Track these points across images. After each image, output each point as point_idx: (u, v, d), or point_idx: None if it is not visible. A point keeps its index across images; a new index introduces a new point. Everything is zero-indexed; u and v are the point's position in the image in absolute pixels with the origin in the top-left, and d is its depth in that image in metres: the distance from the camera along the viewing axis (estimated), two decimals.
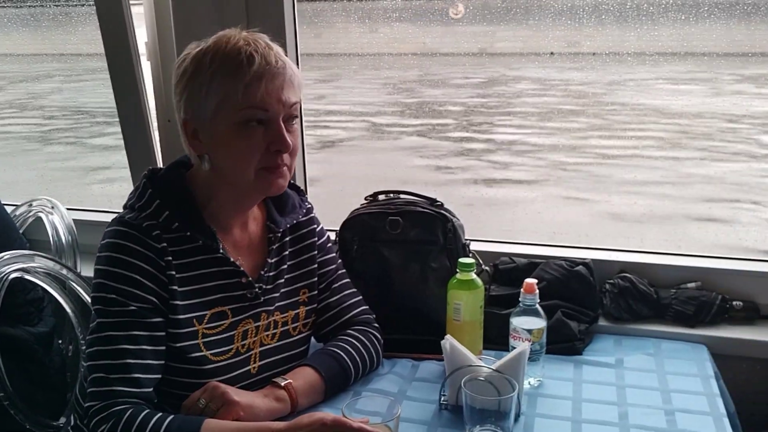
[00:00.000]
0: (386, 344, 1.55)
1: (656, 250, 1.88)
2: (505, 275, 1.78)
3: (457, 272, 1.49)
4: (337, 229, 1.71)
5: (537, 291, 1.45)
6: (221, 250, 1.30)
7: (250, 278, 1.34)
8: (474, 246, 1.75)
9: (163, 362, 1.25)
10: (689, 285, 1.75)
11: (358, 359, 1.42)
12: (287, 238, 1.45)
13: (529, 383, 1.45)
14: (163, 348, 1.24)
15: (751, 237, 3.36)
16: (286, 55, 1.30)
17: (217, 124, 1.25)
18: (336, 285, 1.52)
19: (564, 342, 1.61)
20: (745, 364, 1.66)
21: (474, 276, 1.49)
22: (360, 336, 1.47)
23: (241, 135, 1.24)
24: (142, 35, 1.92)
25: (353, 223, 1.70)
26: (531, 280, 1.45)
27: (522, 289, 1.45)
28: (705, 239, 3.58)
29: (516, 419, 1.30)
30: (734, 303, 1.72)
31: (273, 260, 1.41)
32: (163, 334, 1.24)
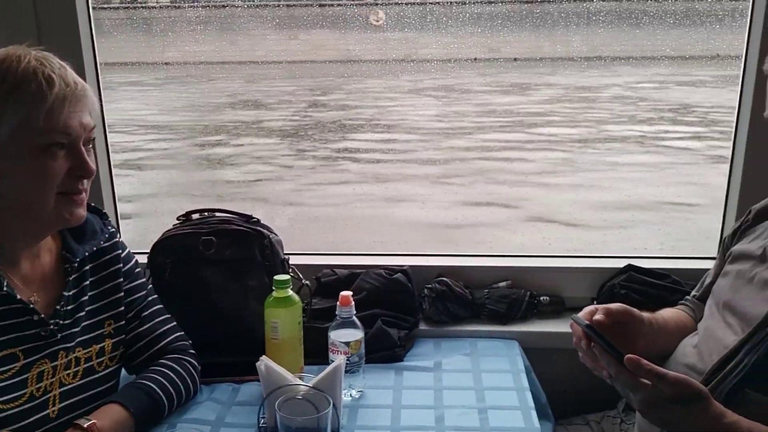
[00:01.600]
0: (207, 369, 1.49)
1: (470, 252, 1.97)
2: (328, 288, 1.78)
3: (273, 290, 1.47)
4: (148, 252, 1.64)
5: (353, 303, 1.46)
6: (5, 288, 1.19)
7: (43, 315, 1.24)
8: (295, 260, 1.74)
9: None
10: (501, 284, 1.85)
11: (171, 390, 1.35)
12: (87, 267, 1.35)
13: (350, 395, 1.46)
14: None
15: None
16: (84, 72, 1.23)
17: (13, 149, 1.14)
18: (146, 313, 1.44)
19: (385, 350, 1.63)
20: (555, 355, 1.76)
21: (290, 292, 1.47)
22: (173, 365, 1.40)
23: (40, 160, 1.16)
24: None
25: (165, 246, 1.63)
26: (346, 293, 1.46)
27: (338, 302, 1.46)
28: None
29: None
30: (542, 298, 1.83)
31: (71, 293, 1.31)
32: None
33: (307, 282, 1.71)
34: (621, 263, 1.85)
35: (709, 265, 1.50)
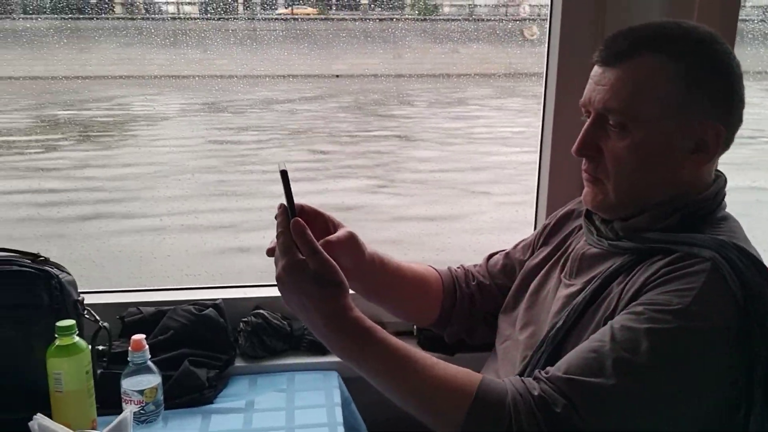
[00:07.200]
0: None
1: None
2: (134, 328, 1.64)
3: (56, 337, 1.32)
4: None
5: (146, 347, 1.34)
6: None
7: None
8: (95, 299, 1.59)
9: None
10: None
11: None
12: None
13: None
14: None
15: None
16: None
17: None
18: None
19: (192, 393, 1.51)
20: None
21: (76, 339, 1.33)
22: None
23: None
24: None
25: None
26: (138, 337, 1.34)
27: (129, 347, 1.33)
28: None
29: None
30: None
31: None
32: None
33: (105, 324, 1.55)
34: None
35: None
